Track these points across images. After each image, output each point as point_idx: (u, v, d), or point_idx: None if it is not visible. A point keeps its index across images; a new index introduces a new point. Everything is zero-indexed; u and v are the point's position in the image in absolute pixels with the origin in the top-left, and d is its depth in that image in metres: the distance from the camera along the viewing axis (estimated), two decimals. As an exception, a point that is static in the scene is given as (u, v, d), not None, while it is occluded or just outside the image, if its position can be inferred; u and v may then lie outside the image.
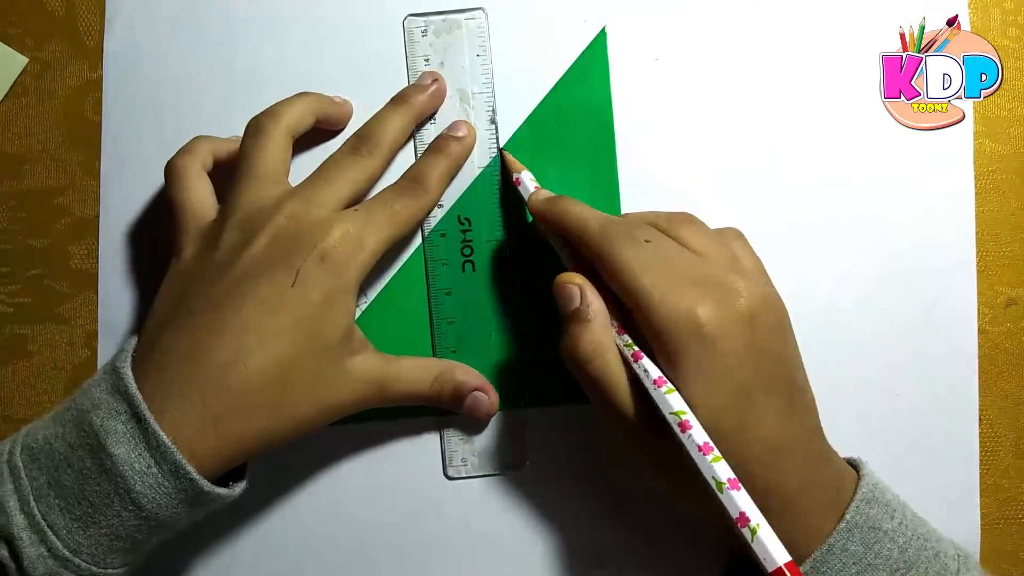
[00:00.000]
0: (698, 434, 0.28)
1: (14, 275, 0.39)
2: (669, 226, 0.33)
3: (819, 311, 0.38)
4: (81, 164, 0.39)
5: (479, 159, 0.38)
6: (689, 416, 0.29)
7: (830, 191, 0.38)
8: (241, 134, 0.36)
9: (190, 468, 0.29)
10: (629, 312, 0.31)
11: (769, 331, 0.31)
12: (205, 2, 0.39)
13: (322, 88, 0.38)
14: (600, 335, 0.31)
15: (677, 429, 0.29)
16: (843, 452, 0.33)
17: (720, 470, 0.28)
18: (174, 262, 0.34)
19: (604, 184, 0.38)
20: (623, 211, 0.38)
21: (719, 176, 0.39)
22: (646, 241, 0.31)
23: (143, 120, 0.39)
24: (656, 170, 0.39)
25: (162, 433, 0.29)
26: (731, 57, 0.39)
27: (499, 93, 0.39)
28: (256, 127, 0.35)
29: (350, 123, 0.39)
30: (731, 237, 0.33)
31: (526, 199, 0.36)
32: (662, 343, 0.30)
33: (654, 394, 0.30)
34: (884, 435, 0.38)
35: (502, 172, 0.38)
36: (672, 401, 0.29)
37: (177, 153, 0.36)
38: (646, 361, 0.30)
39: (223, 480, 0.31)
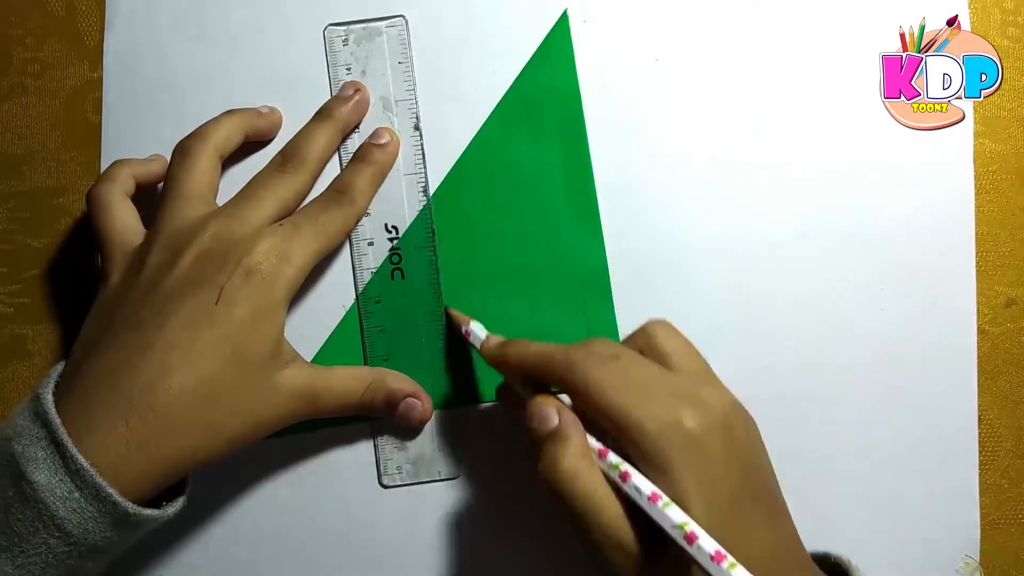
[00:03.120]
0: (707, 543, 0.26)
1: (14, 275, 0.39)
2: (636, 340, 0.32)
3: (819, 311, 0.38)
4: (81, 164, 0.39)
5: (405, 166, 0.38)
6: (694, 526, 0.27)
7: (830, 191, 0.38)
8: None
9: (112, 491, 0.28)
10: (610, 436, 0.30)
11: (744, 440, 0.30)
12: (205, 2, 0.39)
13: (245, 99, 0.38)
14: (583, 451, 0.29)
15: (684, 543, 0.27)
16: (844, 452, 0.33)
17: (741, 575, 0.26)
18: (102, 288, 0.34)
19: (577, 168, 0.38)
20: (599, 205, 0.38)
21: (719, 176, 0.39)
22: (613, 357, 0.30)
23: (143, 120, 0.39)
24: (656, 171, 0.39)
25: (80, 457, 0.28)
26: (731, 57, 0.39)
27: (465, 83, 0.39)
28: (183, 149, 0.35)
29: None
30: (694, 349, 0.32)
31: (478, 347, 0.35)
32: (651, 458, 0.28)
33: (651, 512, 0.28)
34: (884, 435, 0.38)
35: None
36: (672, 515, 0.27)
37: (98, 181, 0.36)
38: (636, 478, 0.28)
39: (160, 499, 0.31)
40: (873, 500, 0.35)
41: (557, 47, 0.39)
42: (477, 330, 0.36)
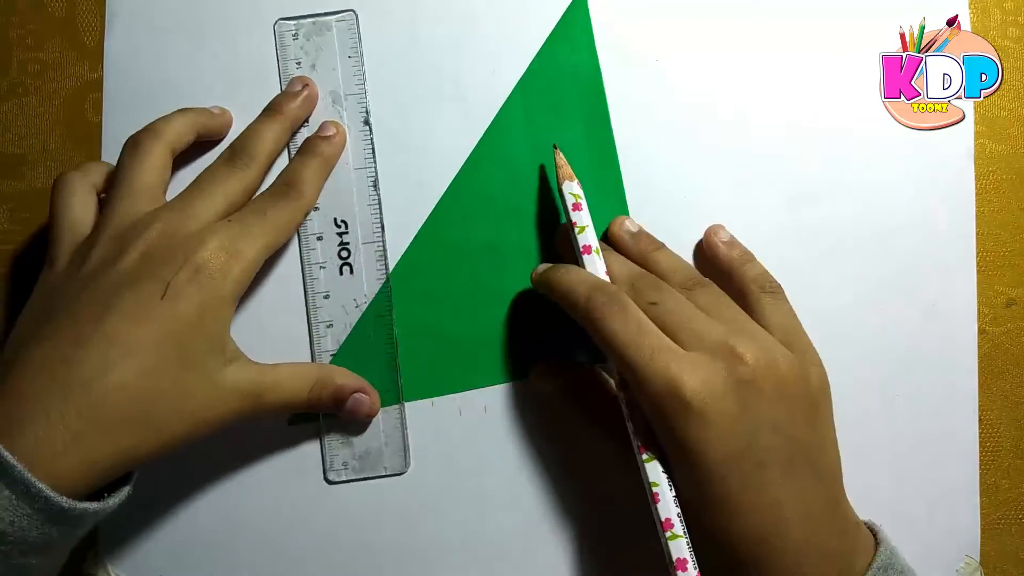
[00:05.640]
0: (663, 508, 0.30)
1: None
2: (685, 285, 0.34)
3: (819, 311, 0.38)
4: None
5: (354, 160, 0.38)
6: (660, 489, 0.30)
7: (830, 191, 0.38)
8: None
9: (43, 487, 0.27)
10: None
11: (770, 400, 0.30)
12: (205, 2, 0.39)
13: (196, 95, 0.38)
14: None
15: (649, 498, 0.31)
16: (844, 452, 0.33)
17: (673, 548, 0.30)
18: (44, 274, 0.34)
19: (600, 146, 0.38)
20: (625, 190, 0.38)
21: (719, 176, 0.38)
22: (651, 304, 0.32)
23: (143, 120, 0.39)
24: (656, 172, 0.39)
25: (6, 453, 0.27)
26: (731, 57, 0.39)
27: (487, 56, 0.39)
28: (135, 143, 0.35)
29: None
30: (763, 294, 0.35)
31: (567, 207, 0.35)
32: (649, 411, 0.30)
33: (638, 457, 0.31)
34: (884, 435, 0.38)
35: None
36: (649, 471, 0.31)
37: (69, 170, 0.35)
38: (631, 426, 0.32)
39: (101, 493, 0.30)
40: (873, 500, 0.35)
41: (576, 24, 0.39)
42: (577, 192, 0.36)
